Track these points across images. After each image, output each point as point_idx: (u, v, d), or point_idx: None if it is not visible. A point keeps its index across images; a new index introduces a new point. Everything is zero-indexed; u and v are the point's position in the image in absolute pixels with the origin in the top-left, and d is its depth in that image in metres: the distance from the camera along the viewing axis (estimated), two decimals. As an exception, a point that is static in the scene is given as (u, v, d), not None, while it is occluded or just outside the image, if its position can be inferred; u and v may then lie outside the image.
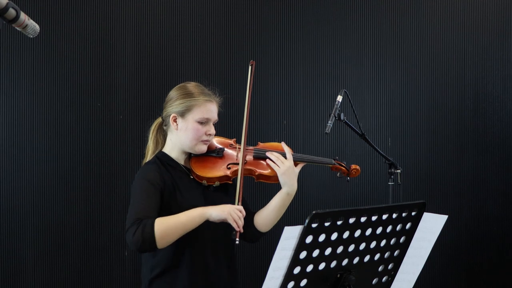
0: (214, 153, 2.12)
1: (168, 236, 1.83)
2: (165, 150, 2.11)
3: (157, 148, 2.15)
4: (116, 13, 3.24)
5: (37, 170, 3.11)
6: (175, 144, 2.08)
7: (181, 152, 2.09)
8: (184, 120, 2.04)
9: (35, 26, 1.44)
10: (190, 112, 2.03)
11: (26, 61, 3.11)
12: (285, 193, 2.07)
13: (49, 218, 3.12)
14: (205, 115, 2.04)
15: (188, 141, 2.04)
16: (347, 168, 2.26)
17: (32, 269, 3.09)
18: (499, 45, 3.91)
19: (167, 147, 2.11)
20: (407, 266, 1.79)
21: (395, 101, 3.71)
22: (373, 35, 3.67)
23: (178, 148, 2.08)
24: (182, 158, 2.10)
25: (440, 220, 1.79)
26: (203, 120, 2.04)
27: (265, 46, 3.47)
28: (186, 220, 1.87)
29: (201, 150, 2.07)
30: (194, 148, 2.06)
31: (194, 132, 2.03)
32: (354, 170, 2.27)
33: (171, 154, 2.09)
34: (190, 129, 2.03)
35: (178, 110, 2.04)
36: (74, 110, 3.17)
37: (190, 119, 2.03)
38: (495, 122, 3.90)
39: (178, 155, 2.09)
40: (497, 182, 3.89)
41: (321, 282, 1.60)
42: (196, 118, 2.03)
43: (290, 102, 3.51)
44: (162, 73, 3.30)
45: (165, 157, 2.08)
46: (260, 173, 2.09)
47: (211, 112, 2.06)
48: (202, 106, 2.04)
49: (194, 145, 2.05)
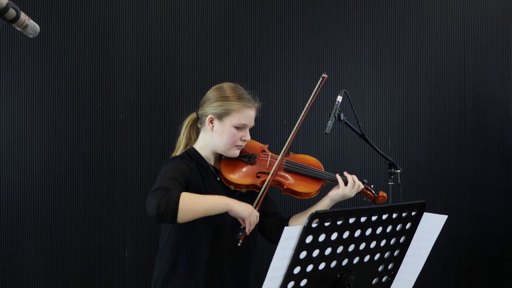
0: (245, 159, 2.09)
1: (191, 211, 1.79)
2: (196, 147, 2.09)
3: (189, 144, 2.13)
4: (116, 13, 3.24)
5: (37, 170, 3.11)
6: (208, 144, 2.06)
7: (212, 152, 2.07)
8: (221, 123, 2.02)
9: (35, 26, 1.44)
10: (228, 116, 2.02)
11: (26, 61, 3.10)
12: (327, 205, 2.13)
13: (48, 218, 3.12)
14: (243, 120, 2.03)
15: (222, 145, 2.03)
16: (374, 194, 2.24)
17: (32, 269, 3.09)
18: (499, 45, 3.91)
19: (199, 145, 2.09)
20: (407, 266, 1.79)
21: (395, 101, 3.71)
22: (372, 35, 3.66)
23: (210, 148, 2.06)
24: (212, 158, 2.08)
25: (440, 220, 1.79)
26: (240, 126, 2.03)
27: (265, 46, 3.47)
28: (212, 203, 1.84)
29: (234, 155, 2.06)
30: (227, 152, 2.04)
31: (229, 136, 2.02)
32: (381, 197, 2.25)
33: (201, 152, 2.07)
34: (226, 132, 2.02)
35: (216, 112, 2.02)
36: (74, 110, 3.16)
37: (227, 123, 2.02)
38: (495, 122, 3.90)
39: (209, 155, 2.08)
40: (497, 182, 3.89)
41: (321, 282, 1.60)
42: (234, 123, 2.02)
43: (290, 102, 3.51)
44: (162, 73, 3.29)
45: (195, 154, 2.06)
46: (289, 187, 2.07)
47: (249, 118, 2.06)
48: (241, 111, 2.03)
49: (228, 149, 2.04)
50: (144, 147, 3.24)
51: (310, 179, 2.12)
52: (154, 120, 3.25)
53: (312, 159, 2.19)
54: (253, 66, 3.43)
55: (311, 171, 2.12)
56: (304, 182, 2.10)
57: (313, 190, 2.10)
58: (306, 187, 2.09)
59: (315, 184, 2.11)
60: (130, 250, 3.21)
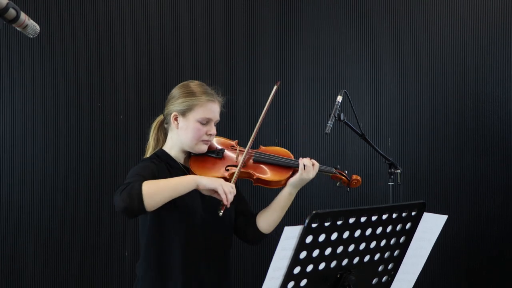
0: (213, 154, 2.10)
1: (157, 195, 1.77)
2: (165, 148, 2.10)
3: (158, 146, 2.14)
4: (116, 13, 3.24)
5: (37, 170, 3.11)
6: (175, 143, 2.07)
7: (181, 151, 2.08)
8: (185, 119, 2.03)
9: (35, 26, 1.44)
10: (192, 111, 2.02)
11: (26, 61, 3.10)
12: (288, 193, 2.09)
13: (49, 218, 3.12)
14: (206, 115, 2.03)
15: (189, 141, 2.03)
16: (348, 178, 2.24)
17: (32, 269, 3.09)
18: (499, 45, 3.92)
19: (167, 145, 2.10)
20: (407, 266, 1.79)
21: (395, 101, 3.71)
22: (372, 36, 3.67)
23: (178, 146, 2.07)
24: (181, 157, 2.09)
25: (440, 220, 1.79)
26: (204, 120, 2.03)
27: (265, 46, 3.47)
28: (176, 183, 1.82)
29: (201, 150, 2.06)
30: (194, 147, 2.05)
31: (194, 132, 2.02)
32: (355, 180, 2.24)
33: (170, 152, 2.08)
34: (191, 128, 2.02)
35: (180, 109, 2.03)
36: (74, 110, 3.17)
37: (191, 118, 2.02)
38: (495, 122, 3.90)
39: (178, 154, 2.08)
40: (497, 182, 3.89)
41: (321, 282, 1.60)
42: (197, 117, 2.02)
43: (290, 102, 3.51)
44: (162, 73, 3.29)
45: (164, 155, 2.07)
46: (259, 177, 2.08)
47: (213, 112, 2.05)
48: (204, 105, 2.03)
49: (194, 145, 2.04)
50: (144, 147, 3.24)
51: (279, 167, 2.11)
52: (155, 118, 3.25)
53: (281, 149, 2.19)
54: (253, 66, 3.43)
55: (279, 160, 2.12)
56: (273, 171, 2.10)
57: (283, 178, 2.09)
58: (276, 176, 2.09)
59: (284, 172, 2.10)
60: (130, 250, 3.21)
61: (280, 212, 2.11)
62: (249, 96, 3.41)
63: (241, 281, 3.40)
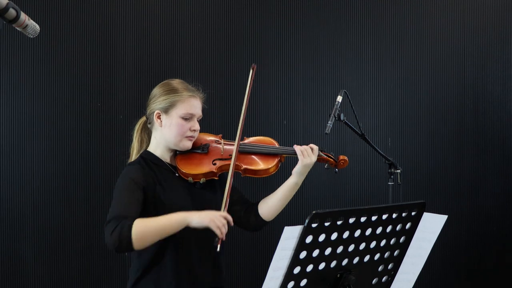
0: (199, 150, 2.10)
1: (146, 238, 1.81)
2: (149, 149, 2.09)
3: (142, 148, 2.13)
4: (116, 13, 3.24)
5: (37, 170, 3.11)
6: (160, 142, 2.06)
7: (166, 149, 2.07)
8: (168, 116, 2.03)
9: (35, 26, 1.44)
10: (174, 108, 2.02)
11: (26, 61, 3.10)
12: (294, 182, 2.10)
13: (49, 218, 3.12)
14: (189, 110, 2.03)
15: (173, 137, 2.03)
16: (334, 159, 2.23)
17: (32, 269, 3.09)
18: (499, 45, 3.92)
19: (152, 146, 2.09)
20: (407, 266, 1.79)
21: (395, 101, 3.71)
22: (372, 36, 3.67)
23: (163, 145, 2.06)
24: (167, 156, 2.08)
25: (440, 220, 1.79)
26: (187, 116, 2.02)
27: (265, 46, 3.47)
28: (165, 224, 1.84)
29: (186, 147, 2.06)
30: (179, 144, 2.04)
31: (178, 128, 2.02)
32: (342, 160, 2.22)
33: (155, 152, 2.07)
34: (174, 125, 2.02)
35: (162, 107, 2.03)
36: (74, 110, 3.17)
37: (174, 115, 2.02)
38: (495, 122, 3.90)
39: (163, 153, 2.07)
40: (496, 182, 3.89)
41: (321, 282, 1.60)
42: (180, 113, 2.02)
43: (290, 102, 3.51)
44: (162, 73, 3.29)
45: (149, 156, 2.06)
46: (246, 167, 2.08)
47: (195, 108, 2.05)
48: (186, 101, 2.03)
49: (178, 141, 2.03)
50: (144, 147, 3.24)
51: (265, 156, 2.13)
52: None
53: (264, 138, 2.20)
54: (253, 66, 3.43)
55: (264, 148, 2.14)
56: (260, 160, 2.12)
57: (271, 165, 2.10)
58: (263, 164, 2.10)
59: (271, 160, 2.12)
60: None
61: (285, 201, 2.12)
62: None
63: (241, 281, 3.40)
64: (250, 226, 2.16)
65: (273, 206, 2.12)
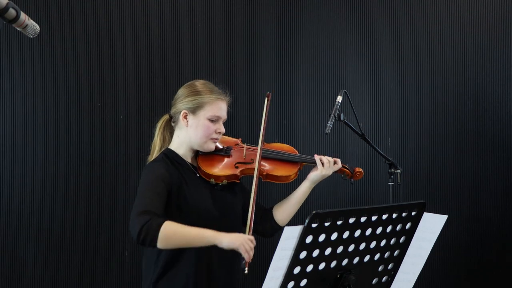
0: (222, 152, 2.12)
1: (171, 242, 1.82)
2: (171, 147, 2.10)
3: (164, 145, 2.14)
4: (116, 13, 3.24)
5: (37, 170, 3.11)
6: (183, 141, 2.07)
7: (188, 149, 2.08)
8: (195, 117, 2.04)
9: (35, 26, 1.44)
10: (202, 109, 2.03)
11: (26, 61, 3.10)
12: (308, 187, 2.18)
13: (49, 218, 3.11)
14: (216, 112, 2.04)
15: (198, 138, 2.04)
16: (350, 170, 2.28)
17: (32, 269, 3.09)
18: (499, 45, 3.91)
19: (174, 144, 2.10)
20: (407, 266, 1.80)
21: (395, 101, 3.71)
22: (373, 35, 3.67)
23: (186, 145, 2.07)
24: (189, 156, 2.09)
25: (440, 220, 1.79)
26: (214, 118, 2.04)
27: (265, 46, 3.47)
28: (194, 237, 1.85)
29: (210, 148, 2.07)
30: (203, 145, 2.05)
31: (204, 129, 2.03)
32: (358, 172, 2.30)
33: (178, 151, 2.08)
34: (201, 125, 2.03)
35: (189, 107, 2.04)
36: (74, 110, 3.16)
37: (201, 116, 2.03)
38: (495, 122, 3.90)
39: (186, 152, 2.08)
40: (496, 182, 3.89)
41: (321, 282, 1.60)
42: (208, 115, 2.03)
43: (290, 102, 3.51)
44: (162, 73, 3.29)
45: (172, 154, 2.07)
46: (269, 173, 2.12)
47: (222, 111, 2.08)
48: (214, 104, 2.05)
49: (203, 143, 2.05)
50: (144, 147, 3.23)
51: (286, 163, 2.18)
52: (154, 120, 3.24)
53: (285, 145, 2.25)
54: (253, 66, 3.43)
55: (286, 155, 2.19)
56: (281, 167, 2.16)
57: (292, 172, 2.16)
58: (285, 171, 2.16)
59: (292, 167, 2.18)
60: (130, 250, 3.21)
61: (298, 205, 2.21)
62: (249, 96, 3.41)
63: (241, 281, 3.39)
64: (266, 233, 2.21)
65: (288, 211, 2.20)
